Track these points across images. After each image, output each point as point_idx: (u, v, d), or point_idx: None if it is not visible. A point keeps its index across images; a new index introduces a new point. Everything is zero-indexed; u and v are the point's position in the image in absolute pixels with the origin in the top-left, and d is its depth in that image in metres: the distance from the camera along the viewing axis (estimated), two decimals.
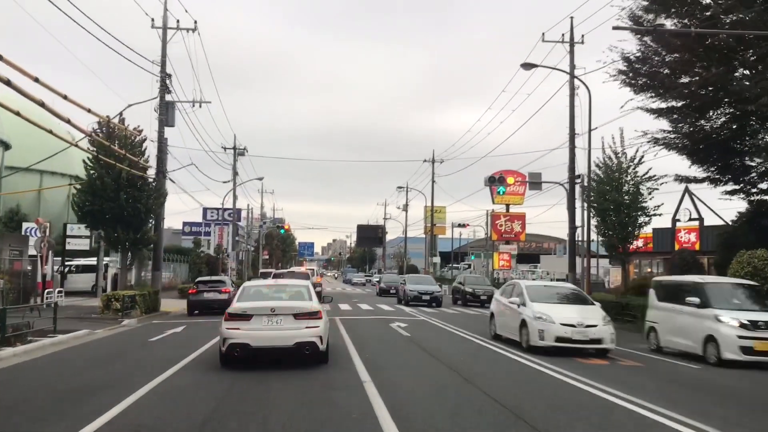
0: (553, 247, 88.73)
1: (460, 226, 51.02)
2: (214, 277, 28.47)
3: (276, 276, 28.12)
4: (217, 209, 55.20)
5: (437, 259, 66.86)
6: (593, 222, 24.94)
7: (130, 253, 23.81)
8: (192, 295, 24.18)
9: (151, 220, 24.45)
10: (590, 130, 25.87)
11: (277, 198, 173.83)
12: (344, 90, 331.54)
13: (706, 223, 34.04)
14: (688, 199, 32.91)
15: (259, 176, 48.37)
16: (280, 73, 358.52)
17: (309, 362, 10.71)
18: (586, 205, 25.01)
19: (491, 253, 54.55)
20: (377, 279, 56.90)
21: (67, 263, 33.38)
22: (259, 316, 10.40)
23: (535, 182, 27.56)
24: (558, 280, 63.57)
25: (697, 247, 35.36)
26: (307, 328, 10.49)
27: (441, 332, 17.95)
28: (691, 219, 34.40)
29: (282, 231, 66.12)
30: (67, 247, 31.78)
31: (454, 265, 70.73)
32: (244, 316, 10.45)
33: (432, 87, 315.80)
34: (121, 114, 23.06)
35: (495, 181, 26.71)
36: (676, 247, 34.05)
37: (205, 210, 62.90)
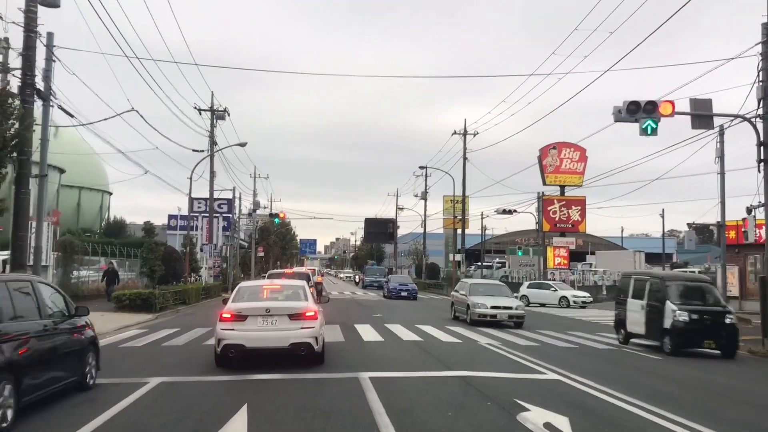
0: (584, 245, 77.54)
1: (505, 212, 39.37)
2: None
3: (286, 276, 27.84)
4: (205, 199, 44.87)
5: (459, 257, 54.77)
6: None
7: None
8: None
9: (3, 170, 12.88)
10: None
11: (276, 195, 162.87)
12: (345, 88, 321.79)
13: None
14: None
15: (242, 142, 36.76)
16: (282, 71, 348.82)
17: None
18: None
19: (540, 248, 42.90)
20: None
21: None
22: (254, 316, 10.42)
23: (704, 115, 15.74)
24: (632, 276, 52.37)
25: None
26: (302, 328, 10.47)
27: None
28: None
29: (277, 221, 54.43)
30: None
31: (484, 264, 58.84)
32: (238, 317, 10.42)
33: (441, 84, 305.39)
34: None
35: (640, 110, 14.84)
36: None
37: (191, 200, 52.08)
